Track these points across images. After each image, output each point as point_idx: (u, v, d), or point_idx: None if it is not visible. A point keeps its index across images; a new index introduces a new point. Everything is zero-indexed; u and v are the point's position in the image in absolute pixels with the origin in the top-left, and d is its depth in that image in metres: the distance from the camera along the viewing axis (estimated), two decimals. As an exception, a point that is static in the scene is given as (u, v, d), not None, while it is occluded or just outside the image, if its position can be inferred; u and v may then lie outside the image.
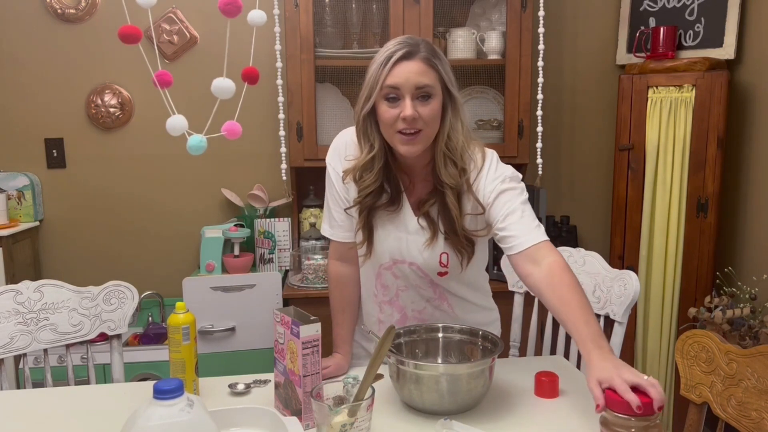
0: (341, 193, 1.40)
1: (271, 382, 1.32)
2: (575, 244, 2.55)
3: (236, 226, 2.46)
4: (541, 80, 2.45)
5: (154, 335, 2.47)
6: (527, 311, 1.75)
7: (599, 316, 1.54)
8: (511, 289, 1.78)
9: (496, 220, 1.28)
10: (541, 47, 2.44)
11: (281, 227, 2.51)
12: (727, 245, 2.56)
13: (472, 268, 1.40)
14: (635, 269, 2.42)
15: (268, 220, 2.50)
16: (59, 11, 2.54)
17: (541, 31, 2.43)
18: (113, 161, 2.65)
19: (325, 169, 1.43)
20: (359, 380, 1.08)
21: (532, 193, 1.36)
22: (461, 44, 2.46)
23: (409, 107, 1.21)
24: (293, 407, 1.17)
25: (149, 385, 1.18)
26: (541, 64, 2.44)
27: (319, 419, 1.03)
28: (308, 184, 2.60)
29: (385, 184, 1.33)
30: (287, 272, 2.47)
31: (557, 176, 2.81)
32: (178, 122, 1.43)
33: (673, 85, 2.35)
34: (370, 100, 1.25)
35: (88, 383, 1.52)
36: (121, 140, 2.64)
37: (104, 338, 1.60)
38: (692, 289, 2.40)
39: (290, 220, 2.53)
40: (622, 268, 1.86)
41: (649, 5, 2.62)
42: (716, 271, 2.40)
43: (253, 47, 1.61)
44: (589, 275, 1.62)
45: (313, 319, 1.15)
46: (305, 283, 2.34)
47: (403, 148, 1.25)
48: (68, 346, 1.53)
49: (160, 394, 0.89)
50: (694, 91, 2.32)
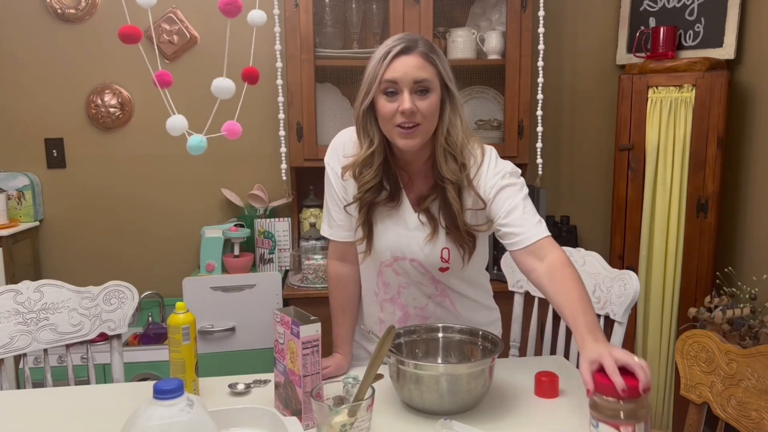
0: (340, 192, 1.41)
1: (271, 382, 1.32)
2: (575, 244, 2.55)
3: (236, 226, 2.46)
4: (541, 80, 2.45)
5: (154, 335, 2.47)
6: (527, 311, 1.75)
7: (599, 316, 1.54)
8: (511, 289, 1.78)
9: (498, 216, 1.29)
10: (541, 47, 2.44)
11: (281, 227, 2.51)
12: (727, 245, 2.56)
13: (472, 264, 1.41)
14: (635, 269, 2.42)
15: (268, 220, 2.50)
16: (59, 11, 2.54)
17: (541, 31, 2.43)
18: (113, 161, 2.65)
19: (324, 169, 1.44)
20: (359, 380, 1.08)
21: (532, 193, 1.36)
22: (461, 44, 2.46)
23: (407, 101, 1.22)
24: (293, 407, 1.17)
25: (149, 385, 1.18)
26: (541, 64, 2.44)
27: (319, 419, 1.03)
28: (308, 184, 2.60)
29: (384, 180, 1.34)
30: (287, 272, 2.47)
31: (557, 176, 2.81)
32: (178, 122, 1.43)
33: (673, 85, 2.35)
34: (369, 94, 1.26)
35: (88, 383, 1.52)
36: (121, 140, 2.65)
37: (104, 338, 1.60)
38: (692, 289, 2.40)
39: (290, 220, 2.53)
40: (622, 268, 1.85)
41: (649, 5, 2.62)
42: (716, 271, 2.40)
43: (253, 47, 1.61)
44: (589, 275, 1.62)
45: (313, 319, 1.15)
46: (305, 283, 2.34)
47: (401, 141, 1.26)
48: (68, 346, 1.53)
49: (160, 394, 0.89)
50: (694, 91, 2.32)
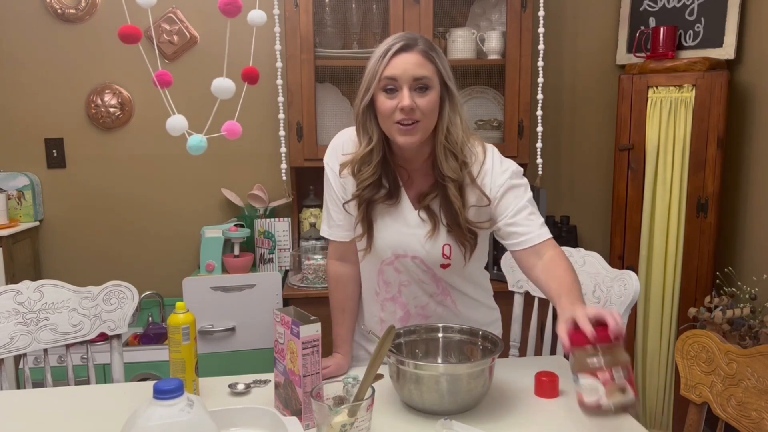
0: (339, 192, 1.41)
1: (271, 382, 1.32)
2: (575, 244, 2.55)
3: (236, 226, 2.46)
4: (541, 80, 2.45)
5: (154, 335, 2.47)
6: (527, 311, 1.75)
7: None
8: (511, 289, 1.78)
9: (504, 215, 1.31)
10: (541, 47, 2.44)
11: (281, 227, 2.51)
12: (727, 245, 2.56)
13: (473, 262, 1.41)
14: (635, 269, 2.42)
15: (268, 220, 2.50)
16: (59, 11, 2.54)
17: (541, 31, 2.42)
18: (113, 161, 2.65)
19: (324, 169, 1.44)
20: (359, 380, 1.08)
21: (532, 192, 1.37)
22: (461, 44, 2.46)
23: (406, 97, 1.23)
24: (293, 407, 1.17)
25: (149, 385, 1.18)
26: (541, 64, 2.44)
27: (319, 419, 1.03)
28: (308, 184, 2.60)
29: (383, 178, 1.34)
30: (287, 272, 2.47)
31: (557, 176, 2.81)
32: (178, 122, 1.43)
33: (673, 85, 2.35)
34: (368, 92, 1.27)
35: (88, 383, 1.52)
36: (121, 140, 2.64)
37: (104, 338, 1.60)
38: (692, 289, 2.40)
39: (290, 220, 2.53)
40: (622, 268, 1.86)
41: (649, 5, 2.62)
42: (716, 271, 2.39)
43: (253, 47, 1.61)
44: (589, 275, 1.62)
45: (313, 319, 1.15)
46: (305, 283, 2.34)
47: (401, 138, 1.26)
48: (68, 346, 1.53)
49: (160, 394, 0.89)
50: (694, 91, 2.31)
